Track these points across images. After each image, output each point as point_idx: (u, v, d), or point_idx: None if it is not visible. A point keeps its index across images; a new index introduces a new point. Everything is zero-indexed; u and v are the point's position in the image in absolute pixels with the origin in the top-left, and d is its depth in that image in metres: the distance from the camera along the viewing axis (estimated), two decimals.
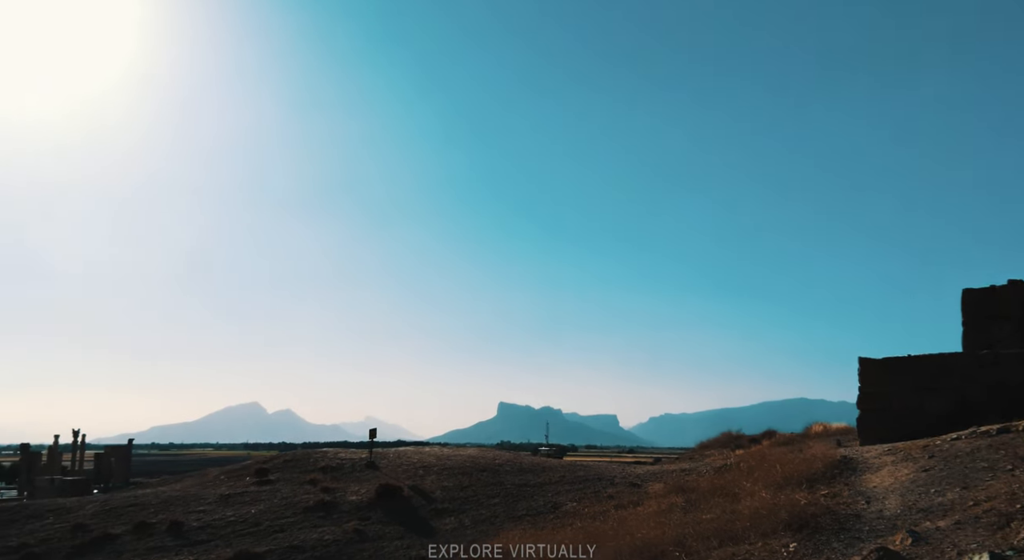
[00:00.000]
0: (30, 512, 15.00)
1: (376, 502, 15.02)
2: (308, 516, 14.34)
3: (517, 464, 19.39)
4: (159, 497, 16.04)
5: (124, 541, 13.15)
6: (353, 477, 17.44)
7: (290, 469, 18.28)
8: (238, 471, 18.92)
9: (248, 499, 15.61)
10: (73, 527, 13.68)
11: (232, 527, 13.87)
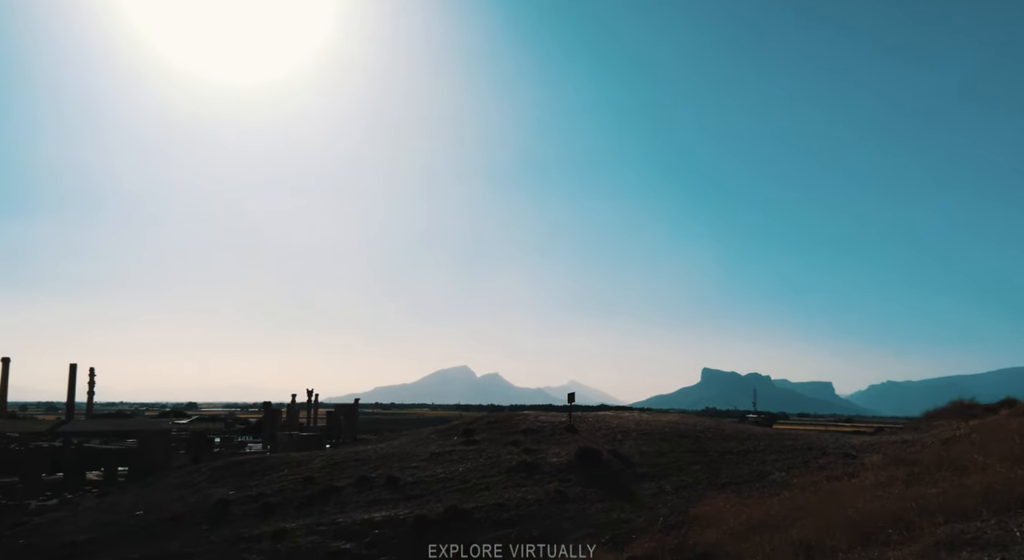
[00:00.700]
0: (267, 465, 16.70)
1: (576, 465, 15.23)
2: (511, 476, 14.82)
3: (720, 431, 18.89)
4: (377, 453, 17.26)
5: (347, 493, 14.29)
6: (553, 440, 17.80)
7: (494, 430, 18.98)
8: (447, 431, 19.92)
9: (456, 458, 16.41)
10: (303, 479, 15.07)
11: (442, 483, 14.64)
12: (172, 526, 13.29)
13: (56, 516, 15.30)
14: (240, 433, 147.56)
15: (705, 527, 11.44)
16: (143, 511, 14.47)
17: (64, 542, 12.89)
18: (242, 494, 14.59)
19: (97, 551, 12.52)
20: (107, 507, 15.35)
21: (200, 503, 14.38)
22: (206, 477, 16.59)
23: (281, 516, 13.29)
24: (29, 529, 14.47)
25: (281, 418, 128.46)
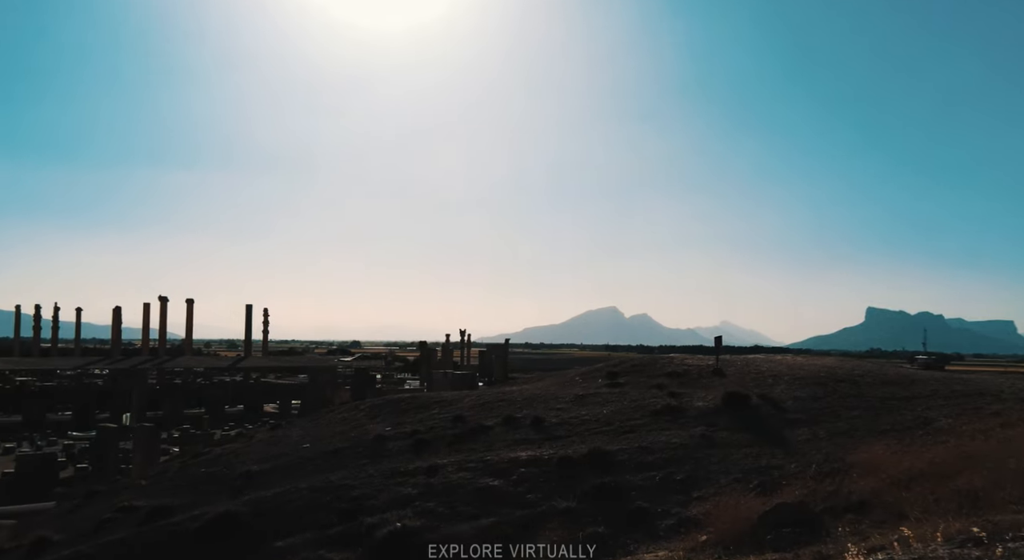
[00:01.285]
0: (420, 403, 17.47)
1: (722, 409, 14.94)
2: (656, 419, 14.75)
3: (881, 375, 17.92)
4: (523, 394, 17.64)
5: (495, 432, 14.73)
6: (700, 383, 17.51)
7: (638, 373, 18.91)
8: (591, 373, 20.03)
9: (600, 400, 16.50)
10: (454, 418, 15.66)
11: (586, 425, 14.79)
12: (334, 459, 14.21)
13: (234, 447, 16.73)
14: (399, 370, 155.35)
15: (862, 475, 10.96)
16: (309, 444, 15.55)
17: (240, 472, 14.09)
18: (398, 431, 15.36)
19: (269, 480, 13.60)
20: (277, 439, 16.61)
21: (360, 438, 15.27)
22: (365, 413, 17.58)
23: (433, 452, 13.90)
24: (210, 458, 15.92)
25: (436, 357, 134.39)
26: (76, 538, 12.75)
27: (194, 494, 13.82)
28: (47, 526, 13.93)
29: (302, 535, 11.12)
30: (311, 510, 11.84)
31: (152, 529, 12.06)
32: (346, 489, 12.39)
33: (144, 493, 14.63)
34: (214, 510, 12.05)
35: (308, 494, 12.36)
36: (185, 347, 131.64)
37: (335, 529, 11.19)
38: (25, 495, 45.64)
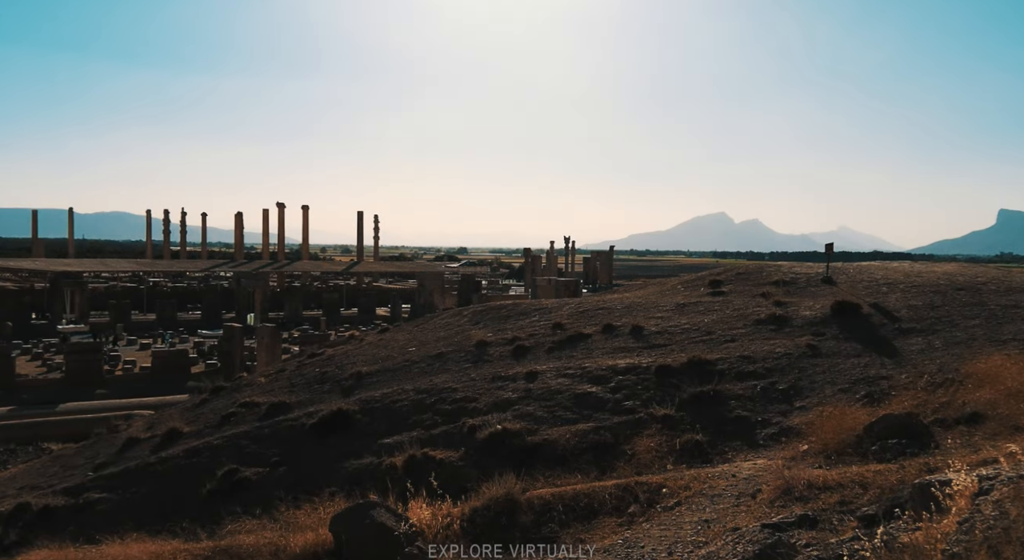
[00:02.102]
0: (520, 310, 17.69)
1: (831, 318, 14.45)
2: (759, 328, 14.44)
3: (1006, 282, 16.82)
4: (623, 303, 17.57)
5: (594, 340, 14.81)
6: (807, 292, 16.94)
7: (742, 281, 18.44)
8: (693, 282, 19.69)
9: (701, 309, 16.25)
10: (553, 325, 15.81)
11: (685, 334, 14.64)
12: (438, 362, 14.67)
13: (345, 349, 17.49)
14: (504, 277, 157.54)
15: (978, 386, 10.49)
16: (415, 348, 16.07)
17: (351, 373, 14.77)
18: (498, 337, 15.65)
19: (377, 381, 14.21)
20: (385, 342, 17.24)
21: (462, 343, 15.66)
22: (468, 319, 17.96)
23: (532, 359, 14.13)
24: (323, 359, 16.72)
25: (540, 264, 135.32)
26: (204, 430, 13.79)
27: (309, 392, 14.62)
28: (178, 418, 15.10)
29: (408, 434, 11.64)
30: (416, 411, 12.35)
31: (271, 424, 12.89)
32: (449, 392, 12.82)
33: (264, 390, 15.59)
34: (327, 408, 12.73)
35: (413, 395, 12.86)
36: (302, 252, 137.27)
37: (439, 429, 11.66)
38: (161, 388, 49.64)
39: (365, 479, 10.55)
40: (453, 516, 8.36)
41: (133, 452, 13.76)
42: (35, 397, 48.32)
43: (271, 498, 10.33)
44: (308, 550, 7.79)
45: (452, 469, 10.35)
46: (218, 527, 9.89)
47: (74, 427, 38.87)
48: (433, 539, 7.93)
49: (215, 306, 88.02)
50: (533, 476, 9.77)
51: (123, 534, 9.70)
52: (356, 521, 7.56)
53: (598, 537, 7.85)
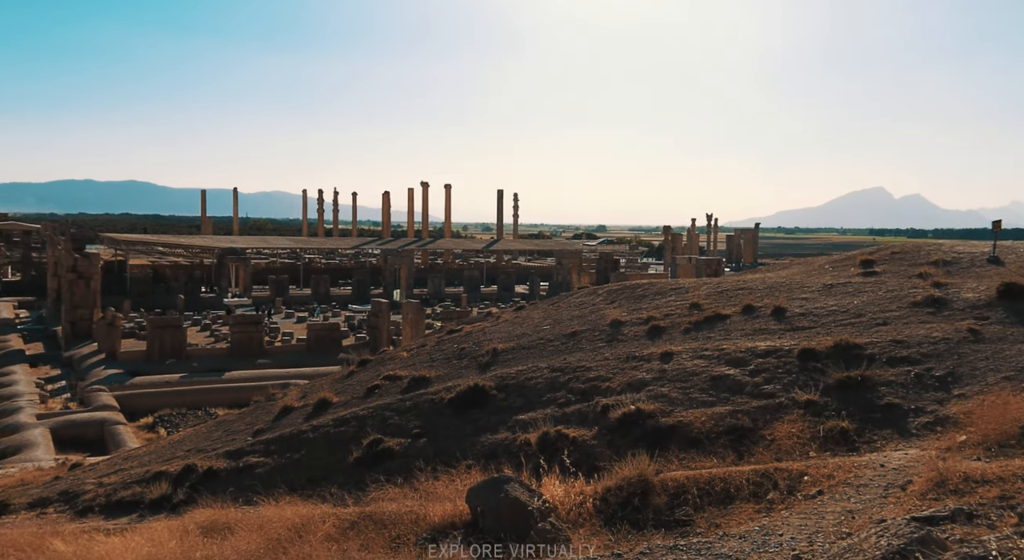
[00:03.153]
0: (656, 290, 17.42)
1: (996, 302, 13.35)
2: (914, 311, 13.56)
3: None
4: (765, 283, 16.95)
5: (733, 321, 14.40)
6: (971, 273, 15.72)
7: (897, 261, 17.34)
8: (843, 261, 18.72)
9: (851, 290, 15.43)
10: (690, 305, 15.48)
11: (832, 316, 13.97)
12: (571, 341, 14.73)
13: (482, 326, 17.87)
14: (643, 255, 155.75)
15: None
16: (549, 326, 16.21)
17: (487, 349, 15.08)
18: (633, 316, 15.51)
19: (512, 359, 14.45)
20: (521, 320, 17.47)
21: (596, 322, 15.64)
22: (603, 298, 17.90)
23: (668, 339, 13.92)
24: (462, 335, 17.16)
25: (681, 242, 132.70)
26: (351, 401, 14.52)
27: (448, 367, 15.07)
28: (328, 388, 15.94)
29: (542, 411, 11.79)
30: (549, 388, 12.47)
31: (412, 397, 13.39)
32: (582, 370, 12.86)
33: (406, 364, 16.20)
34: (464, 383, 13.09)
35: (547, 373, 13.00)
36: (445, 230, 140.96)
37: (572, 407, 11.73)
38: (314, 359, 52.51)
39: (500, 454, 10.79)
40: (586, 494, 8.43)
41: (287, 419, 14.67)
42: (203, 365, 52.39)
43: (411, 468, 10.75)
44: (446, 520, 8.07)
45: (584, 447, 10.41)
46: (363, 493, 10.41)
47: (237, 394, 41.89)
48: (566, 516, 8.03)
49: (364, 282, 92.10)
50: (666, 458, 9.68)
51: (277, 497, 10.39)
52: (491, 494, 7.75)
53: (734, 523, 7.70)
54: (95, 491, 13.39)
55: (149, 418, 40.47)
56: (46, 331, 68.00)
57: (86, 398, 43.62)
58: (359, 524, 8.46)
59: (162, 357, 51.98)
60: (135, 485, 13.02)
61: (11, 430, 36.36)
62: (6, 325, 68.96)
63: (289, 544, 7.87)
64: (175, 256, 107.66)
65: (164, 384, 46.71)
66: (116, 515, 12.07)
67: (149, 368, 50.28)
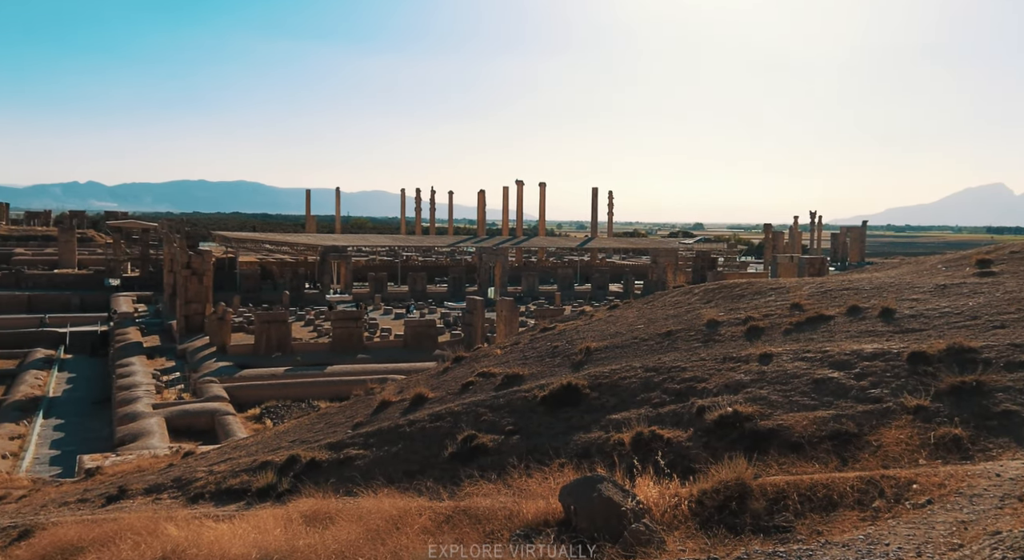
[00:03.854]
0: (755, 289, 16.97)
1: None
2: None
3: None
4: (872, 283, 16.27)
5: (836, 322, 13.89)
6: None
7: (1017, 261, 16.31)
8: (957, 260, 17.76)
9: (966, 291, 14.63)
10: (791, 305, 15.01)
11: (945, 318, 13.29)
12: (666, 341, 14.52)
13: (575, 324, 17.83)
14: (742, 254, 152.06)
15: None
16: (643, 325, 16.04)
17: (581, 348, 15.05)
18: (730, 316, 15.17)
19: (605, 357, 14.37)
20: (614, 319, 17.35)
21: (692, 322, 15.38)
22: (698, 297, 17.58)
23: (767, 340, 13.55)
24: (555, 334, 17.17)
25: (782, 240, 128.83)
26: (446, 396, 14.75)
27: (541, 365, 15.12)
28: (424, 384, 16.26)
29: (635, 410, 11.68)
30: (643, 388, 12.34)
31: (506, 394, 13.50)
32: (677, 371, 12.67)
33: (500, 361, 16.35)
34: (557, 381, 13.10)
35: (641, 373, 12.86)
36: (539, 228, 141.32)
37: (667, 408, 11.58)
38: (411, 355, 53.58)
39: (593, 453, 10.75)
40: (681, 496, 8.31)
41: (385, 413, 15.03)
42: (307, 359, 54.27)
43: (505, 465, 10.84)
44: (539, 517, 8.11)
45: (679, 449, 10.25)
46: (457, 488, 10.57)
47: (338, 388, 43.24)
48: (660, 518, 7.93)
49: (459, 280, 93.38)
50: (765, 462, 9.43)
51: (376, 489, 10.66)
52: (584, 493, 7.75)
53: (837, 530, 7.44)
54: (206, 479, 14.07)
55: (256, 409, 42.26)
56: (162, 325, 71.87)
57: (198, 389, 45.88)
58: (454, 518, 8.59)
59: (268, 351, 54.13)
60: (243, 474, 13.60)
61: (130, 419, 38.63)
62: (126, 319, 73.26)
63: (387, 535, 8.07)
64: (281, 253, 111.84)
65: (270, 377, 48.65)
66: (225, 502, 12.65)
67: (256, 361, 52.48)
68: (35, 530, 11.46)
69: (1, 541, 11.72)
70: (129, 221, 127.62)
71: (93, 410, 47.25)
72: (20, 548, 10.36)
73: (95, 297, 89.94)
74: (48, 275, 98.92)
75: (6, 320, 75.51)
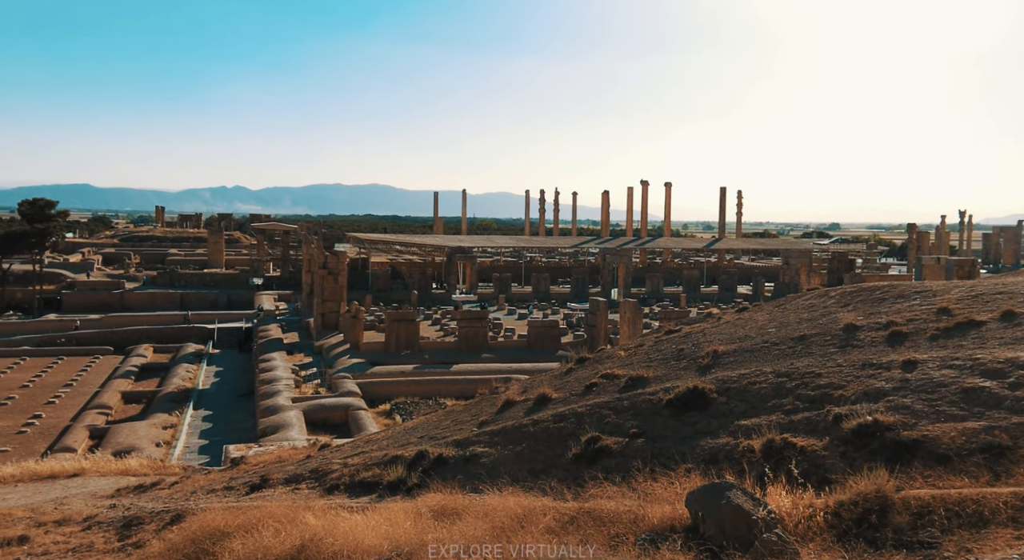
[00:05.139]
0: (897, 292, 16.04)
1: None
2: None
3: None
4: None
5: (989, 328, 12.95)
6: None
7: None
8: None
9: None
10: (937, 310, 14.11)
11: None
12: (799, 345, 13.97)
13: (702, 327, 17.44)
14: (882, 255, 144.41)
15: None
16: (775, 329, 15.50)
17: (707, 351, 14.70)
18: (870, 320, 14.42)
19: (733, 362, 13.98)
20: (743, 322, 16.85)
21: (827, 326, 14.73)
22: (835, 300, 16.82)
23: (910, 346, 12.79)
24: (680, 336, 16.86)
25: (928, 241, 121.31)
26: (569, 397, 14.76)
27: (665, 368, 14.88)
28: (548, 384, 16.32)
29: (766, 417, 11.31)
30: (775, 394, 11.92)
31: (629, 396, 13.37)
32: (811, 377, 12.17)
33: (623, 363, 16.20)
34: (683, 385, 12.85)
35: (772, 378, 12.43)
36: (664, 228, 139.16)
37: (800, 415, 11.15)
38: (534, 355, 53.93)
39: (721, 459, 10.49)
40: (816, 507, 7.99)
41: (509, 413, 15.20)
42: (434, 358, 55.65)
43: (629, 467, 10.74)
44: (665, 522, 8.00)
45: (814, 458, 9.85)
46: (581, 489, 10.56)
47: (463, 386, 44.10)
48: (793, 529, 7.66)
49: (582, 281, 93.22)
50: (908, 474, 8.92)
51: (501, 486, 10.80)
52: (712, 500, 7.58)
53: (988, 548, 6.97)
54: (340, 471, 14.67)
55: (386, 405, 43.74)
56: (300, 322, 75.58)
57: (333, 384, 47.94)
58: (578, 519, 8.60)
59: (398, 349, 55.90)
60: (375, 467, 14.09)
61: (271, 411, 40.82)
62: (268, 316, 77.49)
63: (512, 533, 8.17)
64: (410, 254, 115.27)
65: (399, 374, 50.25)
66: (358, 494, 13.14)
67: (386, 358, 54.31)
68: (186, 515, 12.30)
69: (156, 524, 12.65)
70: (271, 223, 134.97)
71: (237, 402, 50.27)
72: (172, 532, 11.13)
73: (240, 295, 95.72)
74: (199, 274, 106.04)
75: (156, 317, 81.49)
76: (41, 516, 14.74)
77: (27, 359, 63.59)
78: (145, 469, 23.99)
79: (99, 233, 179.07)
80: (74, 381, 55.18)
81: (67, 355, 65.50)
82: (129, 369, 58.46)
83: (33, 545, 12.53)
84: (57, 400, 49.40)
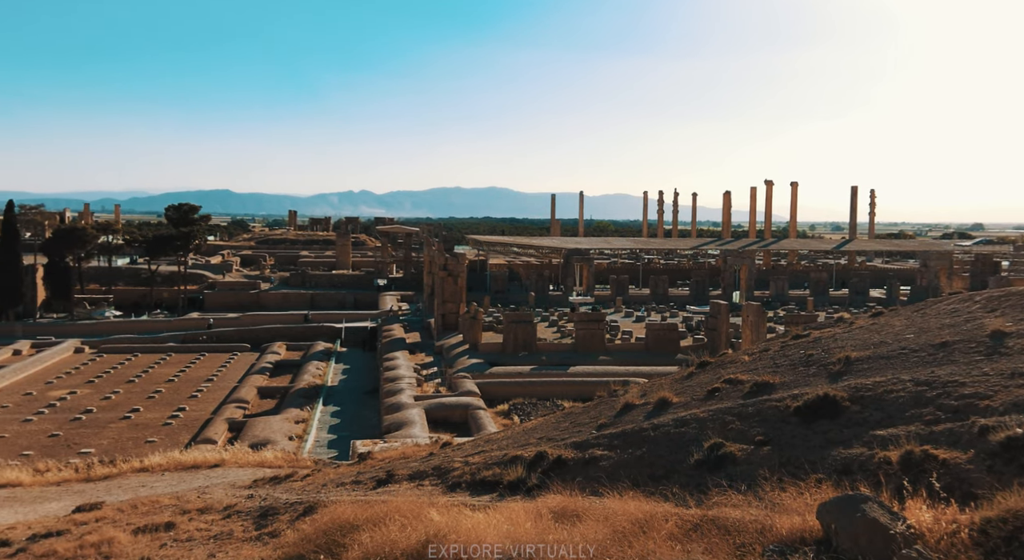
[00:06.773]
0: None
1: None
2: None
3: None
4: None
5: None
6: None
7: None
8: None
9: None
10: None
11: None
12: (941, 352, 13.16)
13: (832, 331, 16.72)
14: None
15: None
16: (912, 334, 14.68)
17: (839, 357, 14.07)
18: (1020, 327, 13.42)
19: (867, 369, 13.32)
20: (878, 327, 16.04)
21: (972, 332, 13.81)
22: (980, 305, 15.75)
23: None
24: (809, 341, 16.21)
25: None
26: (690, 402, 14.48)
27: (793, 374, 14.35)
28: (668, 388, 16.06)
29: (904, 427, 10.72)
30: (913, 403, 11.28)
31: (754, 402, 12.97)
32: (954, 386, 11.44)
33: (747, 368, 15.74)
34: (813, 392, 12.36)
35: (911, 387, 11.77)
36: (789, 230, 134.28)
37: (941, 426, 10.50)
38: (652, 358, 53.17)
39: (854, 470, 10.02)
40: (960, 523, 7.51)
41: (628, 416, 15.06)
42: (551, 359, 55.81)
43: (755, 476, 10.43)
44: (794, 534, 7.73)
45: (957, 471, 9.25)
46: (704, 496, 10.33)
47: (581, 388, 44.02)
48: (935, 545, 7.23)
49: (702, 283, 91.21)
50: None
51: (621, 490, 10.72)
52: (846, 513, 7.26)
53: None
54: (462, 469, 14.94)
55: (504, 405, 44.22)
56: (422, 322, 77.54)
57: (453, 384, 48.92)
58: (702, 526, 8.42)
59: (515, 350, 56.41)
60: (495, 466, 14.28)
61: (395, 409, 42.07)
62: (391, 316, 79.92)
63: (633, 538, 8.09)
64: (527, 256, 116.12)
65: (517, 375, 50.67)
66: (479, 492, 13.35)
67: (504, 359, 54.91)
68: (318, 507, 12.85)
69: (290, 515, 13.28)
70: (395, 226, 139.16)
71: (363, 399, 52.10)
72: (305, 523, 11.65)
73: (365, 296, 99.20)
74: (327, 275, 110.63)
75: (288, 316, 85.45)
76: (185, 504, 15.77)
77: (172, 355, 68.28)
78: (280, 461, 25.23)
79: (237, 236, 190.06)
80: (214, 376, 58.73)
81: (208, 351, 69.87)
82: (264, 366, 61.67)
83: (178, 531, 13.41)
84: (199, 394, 52.74)
